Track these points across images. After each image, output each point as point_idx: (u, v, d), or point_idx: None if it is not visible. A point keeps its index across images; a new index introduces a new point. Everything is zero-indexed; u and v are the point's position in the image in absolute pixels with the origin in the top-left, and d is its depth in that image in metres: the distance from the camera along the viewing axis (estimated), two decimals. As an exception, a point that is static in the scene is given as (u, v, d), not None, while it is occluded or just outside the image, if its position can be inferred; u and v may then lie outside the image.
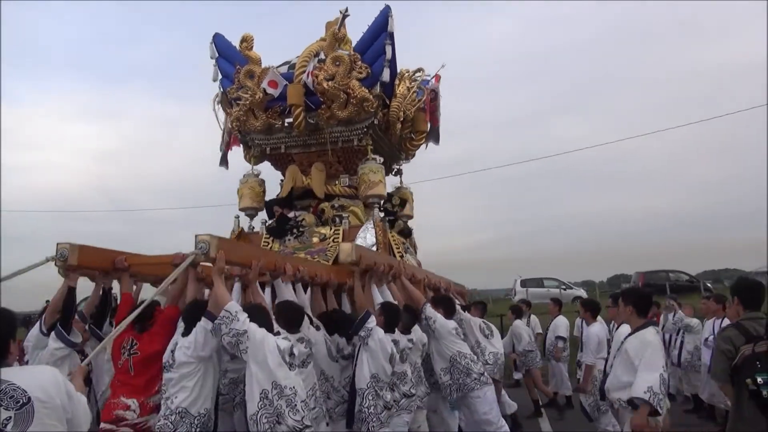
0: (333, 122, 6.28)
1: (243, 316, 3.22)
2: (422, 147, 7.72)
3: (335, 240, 5.84)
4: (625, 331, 4.30)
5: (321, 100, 6.20)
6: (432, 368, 5.13)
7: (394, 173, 7.87)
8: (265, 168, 7.10)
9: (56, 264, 3.74)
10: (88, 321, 4.19)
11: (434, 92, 7.42)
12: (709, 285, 23.17)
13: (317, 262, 5.15)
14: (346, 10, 6.34)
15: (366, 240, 5.89)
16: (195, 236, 3.40)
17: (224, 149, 7.18)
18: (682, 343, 8.06)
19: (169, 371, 3.33)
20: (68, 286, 3.82)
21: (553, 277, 24.47)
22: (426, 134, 7.58)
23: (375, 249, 5.75)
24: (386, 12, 6.24)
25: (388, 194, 7.03)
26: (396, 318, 4.43)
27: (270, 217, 6.61)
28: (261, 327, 3.26)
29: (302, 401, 3.21)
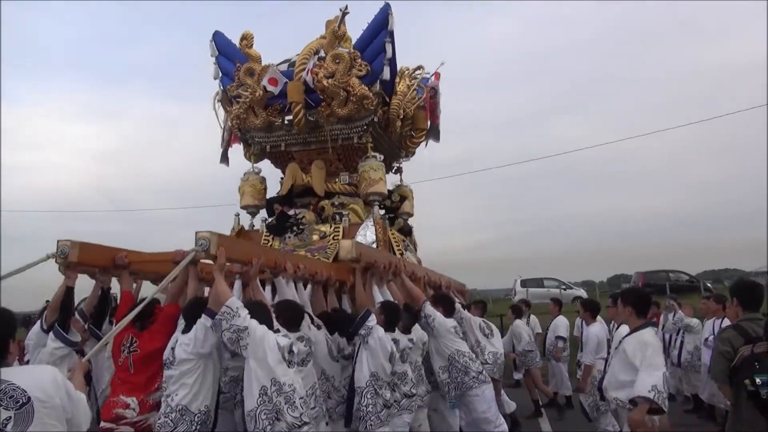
0: (333, 120, 6.28)
1: (244, 313, 3.21)
2: (422, 145, 7.73)
3: (335, 237, 5.84)
4: (625, 332, 4.30)
5: (321, 98, 6.20)
6: (432, 367, 5.13)
7: (394, 171, 7.86)
8: (265, 166, 7.11)
9: (57, 261, 3.73)
10: (88, 320, 4.17)
11: (434, 90, 7.42)
12: (709, 285, 23.18)
13: (317, 260, 5.14)
14: (346, 8, 6.34)
15: (366, 237, 5.89)
16: (195, 233, 3.40)
17: (225, 146, 7.18)
18: (682, 343, 8.05)
19: (170, 368, 3.33)
20: (66, 286, 3.81)
21: (553, 277, 24.49)
22: (426, 132, 7.59)
23: (375, 246, 5.75)
24: (386, 10, 6.24)
25: (388, 191, 7.02)
26: (396, 317, 4.41)
27: (270, 215, 6.61)
28: (261, 324, 3.25)
29: (301, 398, 3.21)
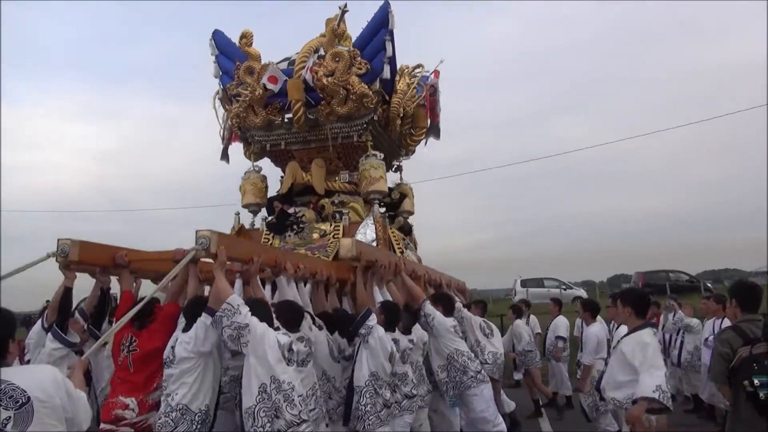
0: (333, 118, 6.27)
1: (245, 310, 3.20)
2: (422, 143, 7.72)
3: (335, 236, 5.84)
4: (625, 332, 4.30)
5: (321, 96, 6.19)
6: (431, 367, 5.12)
7: (394, 170, 7.86)
8: (265, 165, 7.11)
9: (57, 260, 3.72)
10: (88, 319, 4.17)
11: (433, 88, 7.42)
12: (709, 285, 23.18)
13: (317, 259, 5.14)
14: (345, 6, 6.33)
15: (366, 236, 5.90)
16: (196, 232, 3.40)
17: (225, 143, 7.18)
18: (682, 343, 8.05)
19: (170, 367, 3.32)
20: (65, 287, 3.81)
21: (553, 277, 24.48)
22: (426, 130, 7.58)
23: (375, 245, 5.75)
24: (385, 8, 6.23)
25: (388, 189, 7.02)
26: (396, 316, 4.40)
27: (270, 214, 6.61)
28: (262, 321, 3.25)
29: (299, 396, 3.20)
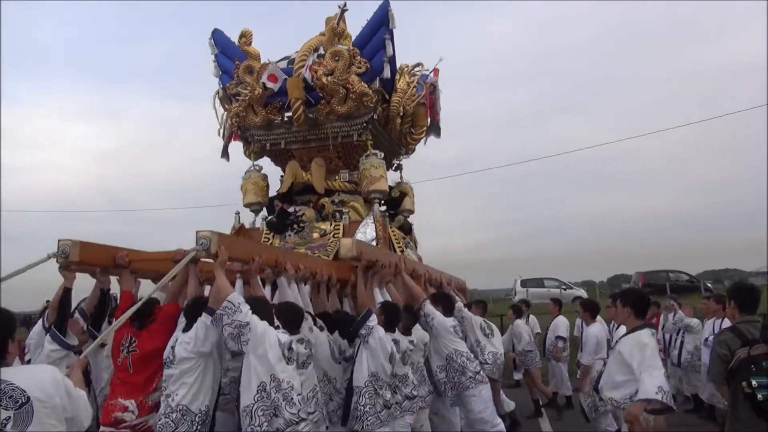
0: (332, 117, 6.27)
1: (246, 308, 3.20)
2: (422, 142, 7.71)
3: (335, 235, 5.84)
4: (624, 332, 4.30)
5: (320, 96, 6.19)
6: (431, 367, 5.12)
7: (394, 168, 7.86)
8: (265, 164, 7.11)
9: (58, 261, 3.72)
10: (89, 320, 4.16)
11: (433, 86, 7.41)
12: (709, 285, 23.14)
13: (318, 258, 5.14)
14: (345, 5, 6.34)
15: (366, 235, 5.90)
16: (196, 233, 3.40)
17: (225, 142, 7.18)
18: (682, 343, 8.03)
19: (170, 367, 3.32)
20: (64, 288, 3.81)
21: (553, 277, 24.42)
22: (426, 129, 7.58)
23: (375, 244, 5.75)
24: (385, 7, 6.23)
25: (389, 187, 7.02)
26: (396, 317, 4.39)
27: (270, 213, 6.60)
28: (262, 320, 3.25)
29: (299, 395, 3.20)
